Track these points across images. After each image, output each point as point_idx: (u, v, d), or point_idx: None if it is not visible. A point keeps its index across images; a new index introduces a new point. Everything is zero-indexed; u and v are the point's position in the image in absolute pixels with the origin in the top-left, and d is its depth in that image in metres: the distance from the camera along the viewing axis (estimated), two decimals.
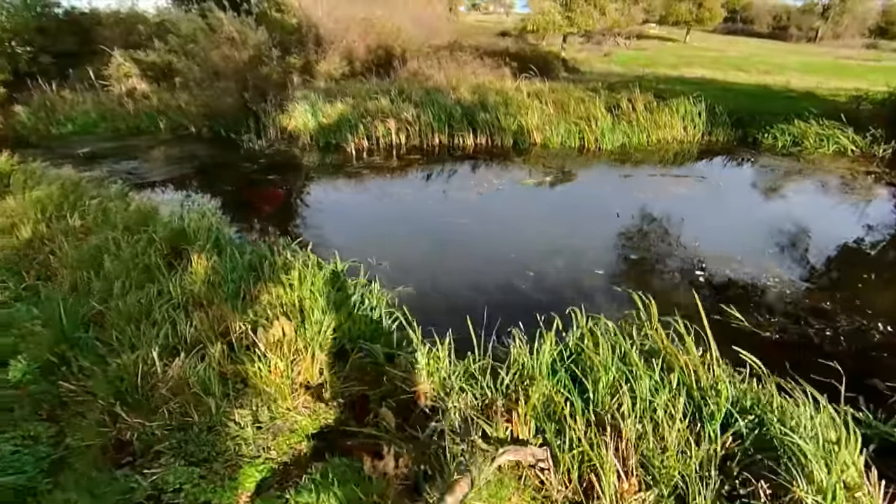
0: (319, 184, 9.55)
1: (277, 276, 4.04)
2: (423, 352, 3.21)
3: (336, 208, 8.06)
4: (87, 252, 4.76)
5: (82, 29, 22.82)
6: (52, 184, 6.79)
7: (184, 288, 3.85)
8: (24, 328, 3.80)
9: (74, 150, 13.22)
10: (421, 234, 6.82)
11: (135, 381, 2.84)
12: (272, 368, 3.10)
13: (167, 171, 9.99)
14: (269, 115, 13.09)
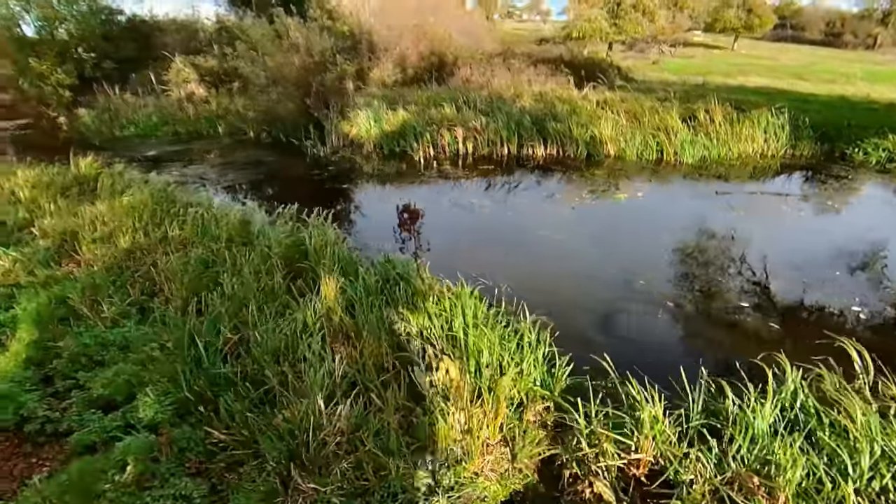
0: (401, 194, 9.09)
1: (417, 303, 3.60)
2: (644, 409, 2.68)
3: (431, 223, 7.47)
4: (195, 267, 4.44)
5: (142, 35, 23.45)
6: (140, 189, 6.61)
7: (318, 314, 3.45)
8: (140, 352, 3.45)
9: (139, 152, 13.33)
10: (527, 254, 6.18)
11: (306, 438, 2.41)
12: (451, 421, 2.64)
13: (238, 176, 9.83)
14: (332, 121, 12.89)
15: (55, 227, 5.50)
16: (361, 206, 8.35)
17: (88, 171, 7.32)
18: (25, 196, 6.56)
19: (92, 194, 6.89)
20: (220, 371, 3.02)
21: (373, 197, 8.95)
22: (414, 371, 2.98)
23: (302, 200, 8.29)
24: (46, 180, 7.24)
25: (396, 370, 3.05)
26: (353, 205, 8.17)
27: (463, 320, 3.36)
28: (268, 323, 3.34)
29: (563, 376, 3.25)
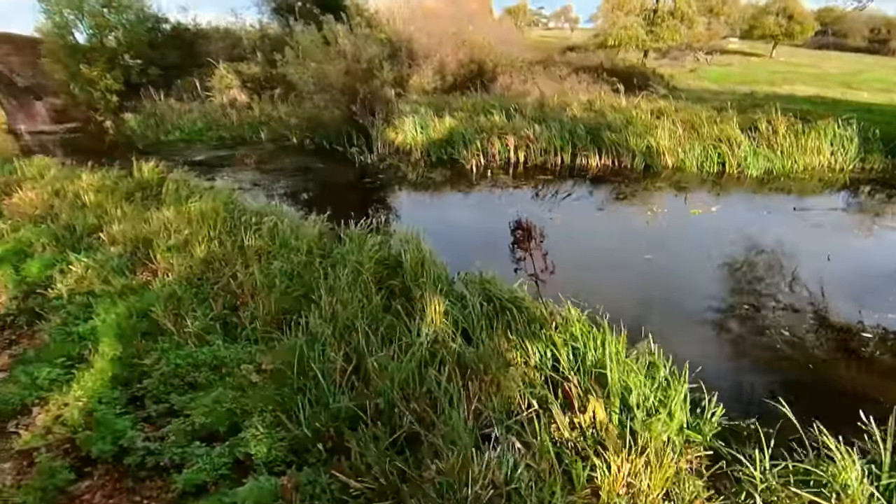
0: (463, 204, 8.71)
1: (538, 331, 3.24)
2: (846, 468, 2.24)
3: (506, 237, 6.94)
4: (280, 280, 4.18)
5: (185, 43, 23.97)
6: (206, 196, 6.46)
7: (428, 340, 3.11)
8: (236, 374, 3.17)
9: (187, 157, 13.41)
10: (628, 275, 5.47)
11: (465, 493, 2.06)
12: (614, 472, 2.26)
13: (291, 183, 9.69)
14: (377, 128, 12.72)
15: (125, 233, 5.35)
16: (426, 217, 7.91)
17: (151, 176, 7.23)
18: (91, 200, 6.48)
19: (156, 199, 6.78)
20: (341, 405, 2.69)
21: (435, 207, 8.57)
22: (552, 410, 2.60)
23: (360, 209, 8.08)
24: (109, 184, 7.19)
25: (530, 408, 2.67)
26: (416, 215, 7.83)
27: (595, 353, 2.99)
28: (379, 349, 3.02)
29: (713, 418, 2.83)
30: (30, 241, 5.67)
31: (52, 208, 6.95)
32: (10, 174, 8.50)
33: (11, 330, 3.97)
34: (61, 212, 6.50)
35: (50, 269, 4.88)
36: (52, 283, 4.57)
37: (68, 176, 8.01)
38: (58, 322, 3.91)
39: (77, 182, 7.15)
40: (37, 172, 8.56)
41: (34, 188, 7.67)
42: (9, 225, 6.45)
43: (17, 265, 5.07)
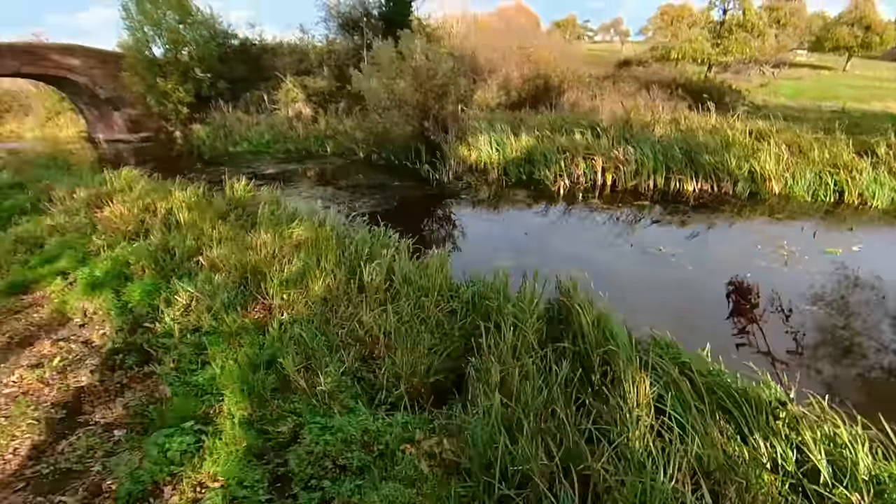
0: (567, 233, 7.88)
1: (765, 425, 2.49)
2: None
3: (634, 280, 5.83)
4: (417, 330, 3.60)
5: (251, 57, 24.69)
6: (307, 220, 6.06)
7: (642, 433, 2.41)
8: (399, 460, 2.55)
9: (257, 169, 13.40)
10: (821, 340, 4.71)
11: None
12: None
13: (371, 202, 9.28)
14: (450, 145, 12.26)
15: (226, 259, 4.96)
16: (535, 249, 6.95)
17: (243, 194, 6.95)
18: (185, 219, 6.21)
19: (249, 218, 6.46)
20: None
21: (541, 237, 7.56)
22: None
23: (455, 235, 7.52)
24: (201, 201, 6.95)
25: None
26: (524, 246, 7.06)
27: (869, 463, 2.20)
28: (580, 441, 2.34)
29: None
30: (127, 261, 5.40)
31: (142, 224, 6.77)
32: (99, 185, 8.51)
33: (122, 371, 3.56)
34: (154, 229, 6.27)
35: (153, 297, 4.52)
36: (158, 314, 4.19)
37: (157, 190, 7.89)
38: (171, 366, 3.47)
39: (169, 198, 6.94)
40: (125, 184, 8.53)
41: (124, 201, 7.57)
42: (103, 240, 6.27)
43: (118, 289, 4.77)
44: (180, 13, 21.22)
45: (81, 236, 6.45)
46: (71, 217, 7.28)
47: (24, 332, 4.22)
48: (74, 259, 5.67)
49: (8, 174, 11.75)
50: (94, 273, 5.03)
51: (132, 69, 20.83)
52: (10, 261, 5.71)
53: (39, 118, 29.46)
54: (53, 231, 6.81)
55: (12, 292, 4.96)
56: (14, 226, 7.39)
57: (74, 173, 10.77)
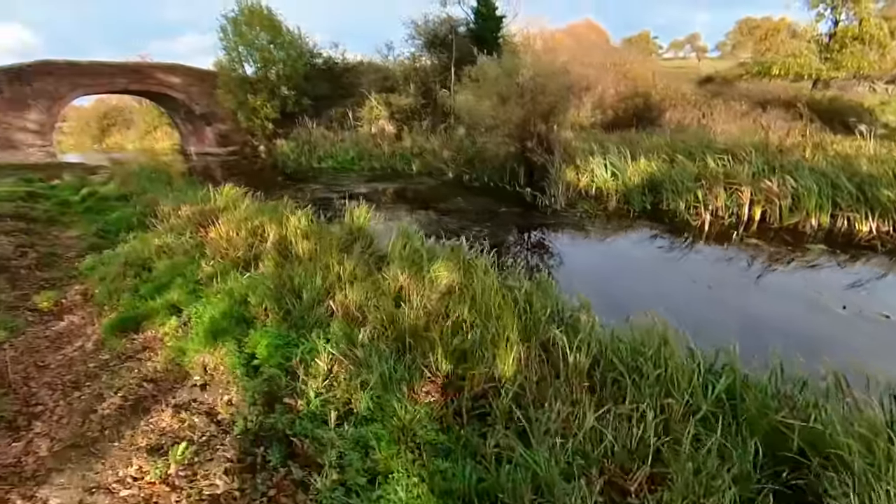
0: (743, 285, 6.18)
1: None
2: None
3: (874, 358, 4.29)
4: (684, 448, 2.38)
5: (334, 75, 25.08)
6: (431, 253, 5.09)
7: None
8: None
9: (346, 187, 12.87)
10: None
11: None
12: None
13: (485, 232, 8.19)
14: (557, 168, 11.07)
15: (364, 306, 4.02)
16: (729, 313, 5.45)
17: (362, 222, 6.12)
18: (303, 250, 5.42)
19: (371, 247, 5.59)
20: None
21: (719, 291, 6.08)
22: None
23: (610, 284, 6.21)
24: (311, 226, 6.21)
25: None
26: (701, 305, 5.64)
27: None
28: None
29: None
30: (244, 297, 4.63)
31: (251, 248, 6.11)
32: (203, 203, 8.11)
33: (266, 474, 2.63)
34: (265, 257, 5.54)
35: (283, 352, 3.64)
36: (296, 381, 3.27)
37: (263, 210, 7.30)
38: (334, 478, 2.47)
39: (281, 222, 6.25)
40: (229, 202, 8.08)
41: (229, 221, 7.02)
42: (212, 266, 5.62)
43: (240, 338, 3.95)
44: (272, 33, 21.88)
45: (189, 260, 5.86)
46: (177, 236, 6.80)
47: (137, 391, 3.45)
48: (185, 290, 5.01)
49: (114, 185, 11.98)
50: (209, 314, 4.26)
51: (226, 86, 21.64)
52: (119, 287, 5.15)
53: (140, 131, 31.76)
54: (160, 252, 6.30)
55: (123, 330, 4.30)
56: (122, 243, 7.06)
57: (176, 187, 10.64)
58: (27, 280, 5.62)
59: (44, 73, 18.19)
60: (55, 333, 4.31)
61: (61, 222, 8.86)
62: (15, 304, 4.81)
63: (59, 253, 6.78)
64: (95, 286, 5.42)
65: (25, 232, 7.69)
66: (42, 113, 18.33)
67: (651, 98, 17.82)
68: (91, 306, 4.93)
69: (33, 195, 11.06)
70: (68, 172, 15.83)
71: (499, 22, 18.28)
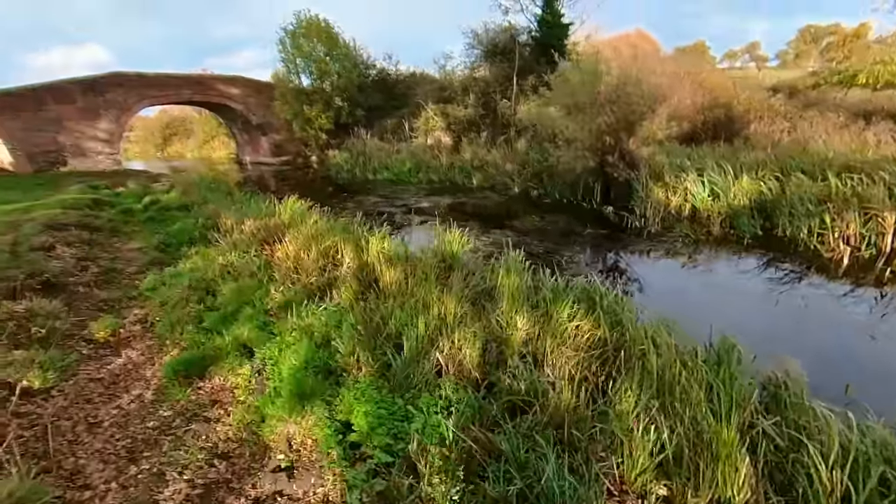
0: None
1: None
2: None
3: None
4: None
5: (387, 86, 24.86)
6: (561, 291, 4.11)
7: None
8: None
9: (406, 201, 12.15)
10: None
11: None
12: None
13: (575, 259, 7.18)
14: (644, 185, 9.89)
15: (481, 363, 3.08)
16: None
17: (456, 248, 5.22)
18: (389, 281, 4.59)
19: (469, 279, 4.67)
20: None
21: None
22: None
23: (746, 327, 4.98)
24: (392, 251, 5.40)
25: None
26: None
27: None
28: None
29: None
30: (325, 337, 3.83)
31: (323, 272, 5.36)
32: (267, 217, 7.53)
33: None
34: (343, 285, 4.75)
35: (391, 426, 2.76)
36: (414, 476, 2.35)
37: (333, 228, 6.59)
38: None
39: (367, 250, 5.47)
40: (295, 217, 7.45)
41: (296, 239, 6.35)
42: (282, 293, 4.90)
43: (330, 398, 3.11)
44: (328, 45, 21.86)
45: (257, 285, 5.16)
46: (241, 254, 6.19)
47: (207, 471, 2.65)
48: (254, 322, 4.27)
49: (176, 194, 11.81)
50: (287, 363, 3.47)
51: (282, 97, 21.75)
52: (182, 317, 4.48)
53: (199, 141, 32.84)
54: (225, 272, 5.68)
55: (187, 375, 3.57)
56: (184, 258, 6.54)
57: (237, 198, 10.24)
58: (85, 300, 5.08)
59: (115, 84, 18.79)
60: (110, 375, 3.64)
61: (123, 232, 8.54)
62: (70, 333, 4.21)
63: (119, 268, 6.30)
64: (156, 312, 4.81)
65: (88, 243, 7.34)
66: (111, 122, 18.91)
67: (733, 109, 16.22)
68: (151, 338, 4.27)
69: (99, 203, 10.99)
70: (132, 180, 16.07)
71: (565, 29, 17.32)
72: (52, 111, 17.40)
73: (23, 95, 16.83)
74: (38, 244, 6.31)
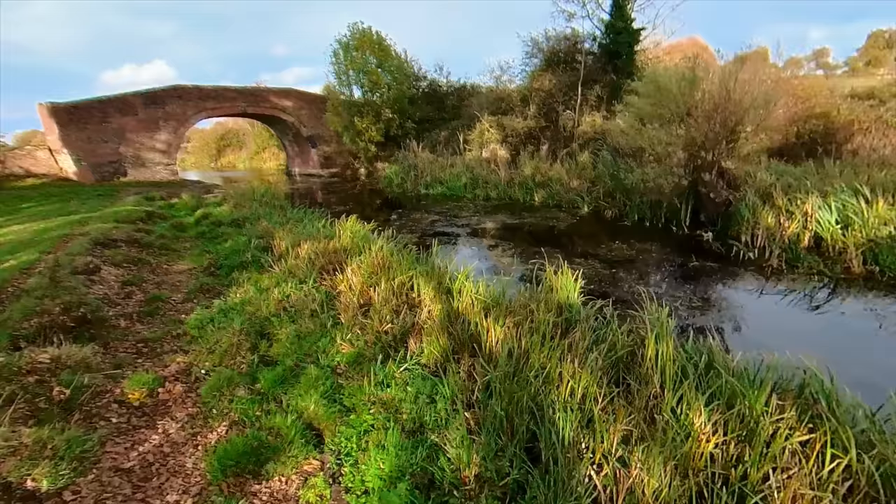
0: None
1: None
2: None
3: None
4: None
5: (437, 98, 24.27)
6: None
7: None
8: None
9: (468, 220, 11.13)
10: None
11: None
12: None
13: (687, 299, 5.90)
14: (752, 208, 8.44)
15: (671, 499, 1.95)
16: None
17: (569, 296, 4.12)
18: (495, 339, 3.53)
19: (593, 340, 3.56)
20: None
21: None
22: None
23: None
24: (491, 296, 4.35)
25: None
26: None
27: None
28: None
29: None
30: (418, 421, 2.83)
31: (397, 315, 4.38)
32: (325, 240, 6.70)
33: None
34: (428, 338, 3.75)
35: None
36: None
37: (404, 260, 5.64)
38: None
39: (449, 285, 4.47)
40: (357, 241, 6.58)
41: (360, 270, 5.45)
42: (349, 342, 3.96)
43: None
44: (381, 56, 21.48)
45: (320, 330, 4.26)
46: (298, 285, 5.35)
47: None
48: (321, 389, 3.33)
49: (227, 208, 11.39)
50: (372, 471, 2.47)
51: (334, 109, 21.52)
52: (232, 377, 3.60)
53: (250, 152, 33.55)
54: (281, 308, 4.83)
55: (239, 472, 2.64)
56: (234, 286, 5.78)
57: (290, 215, 9.58)
58: (124, 340, 4.34)
59: (174, 96, 19.09)
60: (142, 463, 2.77)
61: (173, 250, 8.00)
62: (101, 390, 3.42)
63: (165, 296, 5.60)
64: (202, 360, 3.98)
65: (135, 262, 6.77)
66: (170, 134, 19.18)
67: (834, 121, 14.29)
68: (194, 402, 3.41)
69: (152, 216, 10.69)
70: (187, 191, 16.04)
71: (636, 35, 16.01)
72: (115, 123, 17.78)
73: (89, 108, 17.28)
74: (82, 266, 5.72)
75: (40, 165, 18.17)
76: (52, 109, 16.64)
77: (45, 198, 13.87)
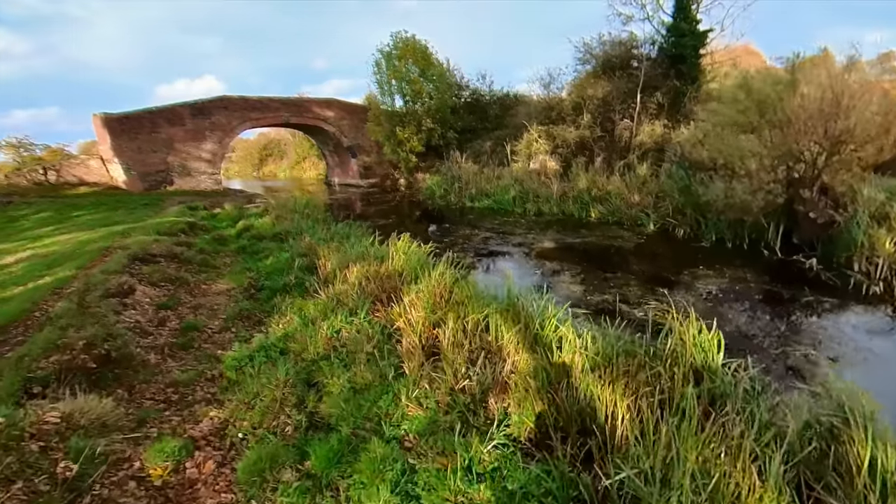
0: None
1: None
2: None
3: None
4: None
5: (480, 107, 23.56)
6: None
7: None
8: None
9: (523, 238, 10.20)
10: None
11: None
12: None
13: (812, 350, 4.78)
14: (863, 229, 7.16)
15: None
16: None
17: (706, 358, 3.19)
18: (592, 392, 2.64)
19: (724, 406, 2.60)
20: None
21: None
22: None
23: None
24: (595, 347, 3.47)
25: None
26: None
27: None
28: None
29: None
30: None
31: (473, 364, 3.55)
32: (376, 262, 5.98)
33: None
34: (521, 406, 2.90)
35: None
36: None
37: (471, 292, 4.80)
38: None
39: (537, 330, 3.62)
40: (411, 263, 5.83)
41: (418, 299, 4.67)
42: (417, 402, 3.17)
43: None
44: (423, 65, 21.01)
45: (381, 387, 3.47)
46: (348, 317, 4.62)
47: None
48: (391, 477, 2.52)
49: (269, 220, 10.99)
50: None
51: (375, 119, 21.18)
52: (277, 456, 2.84)
53: (291, 162, 33.93)
54: (331, 349, 4.10)
55: None
56: (277, 316, 5.13)
57: (334, 229, 8.99)
58: (151, 384, 3.71)
59: (220, 107, 19.25)
60: None
61: (213, 266, 7.51)
62: (117, 460, 2.75)
63: (201, 325, 5.01)
64: (238, 416, 3.27)
65: (173, 281, 6.27)
66: (215, 143, 19.32)
67: None
68: (228, 484, 2.67)
69: (194, 227, 10.39)
70: (229, 200, 15.93)
71: (702, 38, 14.78)
72: (163, 133, 18.02)
73: (140, 118, 17.58)
74: (116, 287, 5.22)
75: (93, 174, 18.63)
76: (105, 120, 17.01)
77: (96, 206, 13.98)
